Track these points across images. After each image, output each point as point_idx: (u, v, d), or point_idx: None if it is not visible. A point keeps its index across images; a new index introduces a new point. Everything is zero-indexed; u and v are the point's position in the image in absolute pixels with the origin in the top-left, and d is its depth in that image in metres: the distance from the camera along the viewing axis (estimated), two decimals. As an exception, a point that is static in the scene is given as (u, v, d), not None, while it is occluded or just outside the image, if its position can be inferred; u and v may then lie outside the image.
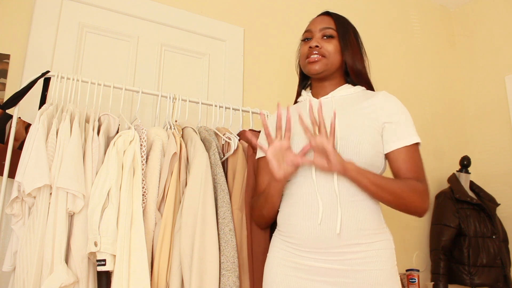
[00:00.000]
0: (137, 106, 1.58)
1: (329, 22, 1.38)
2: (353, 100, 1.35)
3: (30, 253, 1.19)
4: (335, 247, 1.18)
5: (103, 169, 1.30)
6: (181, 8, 2.12)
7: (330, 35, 1.36)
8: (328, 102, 1.36)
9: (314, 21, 1.42)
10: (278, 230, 1.32)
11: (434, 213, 2.53)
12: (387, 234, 1.26)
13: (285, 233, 1.27)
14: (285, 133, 1.23)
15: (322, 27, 1.37)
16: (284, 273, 1.24)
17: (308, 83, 1.49)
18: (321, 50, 1.34)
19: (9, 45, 1.70)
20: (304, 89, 1.50)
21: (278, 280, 1.24)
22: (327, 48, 1.34)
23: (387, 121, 1.28)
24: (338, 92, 1.37)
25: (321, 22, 1.39)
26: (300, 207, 1.24)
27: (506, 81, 2.73)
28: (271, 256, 1.30)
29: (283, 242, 1.27)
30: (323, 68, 1.34)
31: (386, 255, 1.21)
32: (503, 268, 2.31)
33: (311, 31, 1.39)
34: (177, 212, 1.39)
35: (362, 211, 1.21)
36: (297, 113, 1.40)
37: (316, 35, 1.37)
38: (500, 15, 2.84)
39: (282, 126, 1.25)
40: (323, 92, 1.39)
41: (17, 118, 1.43)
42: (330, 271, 1.18)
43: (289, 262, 1.24)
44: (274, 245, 1.31)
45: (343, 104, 1.34)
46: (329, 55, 1.34)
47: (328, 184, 1.22)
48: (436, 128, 2.83)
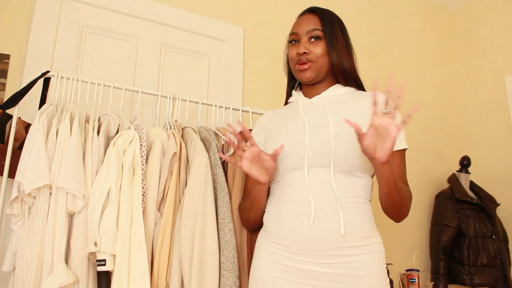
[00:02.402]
0: (137, 106, 1.58)
1: (315, 22, 1.36)
2: (345, 100, 1.34)
3: (30, 253, 1.19)
4: (328, 250, 1.16)
5: (103, 169, 1.30)
6: (181, 8, 2.12)
7: (317, 36, 1.34)
8: (320, 102, 1.35)
9: (299, 22, 1.39)
10: (265, 231, 1.28)
11: (434, 213, 2.53)
12: (378, 237, 1.24)
13: (273, 234, 1.24)
14: (249, 141, 1.21)
15: (309, 29, 1.35)
16: (273, 276, 1.20)
17: (298, 83, 1.48)
18: (309, 56, 1.32)
19: (9, 45, 1.70)
20: (294, 89, 1.48)
21: (267, 283, 1.20)
22: (316, 52, 1.32)
23: None
24: (330, 92, 1.36)
25: (307, 23, 1.36)
26: (290, 207, 1.21)
27: (506, 81, 2.73)
28: (259, 258, 1.26)
29: (271, 243, 1.24)
30: (314, 75, 1.34)
31: (378, 258, 1.19)
32: (503, 268, 2.31)
33: (298, 33, 1.37)
34: (177, 212, 1.39)
35: (355, 213, 1.19)
36: (289, 111, 1.40)
37: (303, 38, 1.35)
38: (500, 15, 2.84)
39: (241, 138, 1.23)
40: (315, 93, 1.39)
41: (17, 118, 1.42)
42: (321, 274, 1.16)
43: (278, 265, 1.20)
44: (261, 246, 1.27)
45: (336, 103, 1.33)
46: (317, 60, 1.33)
47: (323, 184, 1.20)
48: (436, 128, 2.83)
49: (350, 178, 1.22)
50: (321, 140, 1.22)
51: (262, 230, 1.32)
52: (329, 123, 1.25)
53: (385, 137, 1.05)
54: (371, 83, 1.08)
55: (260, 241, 1.30)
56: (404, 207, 1.24)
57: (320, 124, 1.27)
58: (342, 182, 1.21)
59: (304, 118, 1.30)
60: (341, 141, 1.20)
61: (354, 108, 1.30)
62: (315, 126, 1.26)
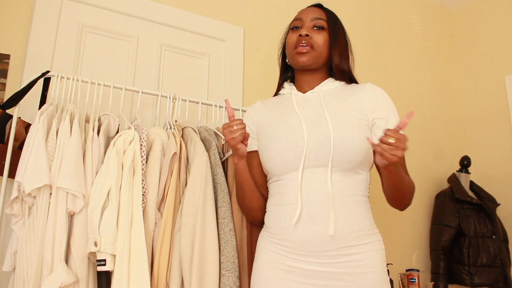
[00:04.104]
0: (137, 106, 1.58)
1: (321, 13, 1.37)
2: (339, 94, 1.34)
3: (30, 253, 1.19)
4: (329, 250, 1.16)
5: (103, 169, 1.30)
6: (181, 8, 2.12)
7: (321, 26, 1.34)
8: (315, 97, 1.34)
9: (305, 10, 1.40)
10: (267, 231, 1.28)
11: (434, 213, 2.53)
12: (378, 235, 1.25)
13: (275, 235, 1.24)
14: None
15: (314, 17, 1.35)
16: (275, 276, 1.20)
17: (289, 75, 1.46)
18: (310, 40, 1.31)
19: (9, 45, 1.70)
20: (285, 81, 1.46)
21: (269, 283, 1.20)
22: (317, 40, 1.32)
23: (377, 117, 1.28)
24: (324, 86, 1.36)
25: (313, 12, 1.37)
26: (287, 208, 1.21)
27: (506, 81, 2.73)
28: (261, 258, 1.26)
29: (273, 243, 1.24)
30: (311, 61, 1.32)
31: (379, 256, 1.20)
32: (503, 268, 2.31)
33: (302, 19, 1.36)
34: (177, 212, 1.39)
35: (354, 211, 1.20)
36: (280, 104, 1.39)
37: (307, 24, 1.34)
38: (500, 15, 2.84)
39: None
40: (307, 86, 1.38)
41: (17, 118, 1.42)
42: (323, 274, 1.16)
43: (280, 265, 1.21)
44: (263, 247, 1.28)
45: (330, 98, 1.32)
46: (317, 47, 1.32)
47: (319, 184, 1.19)
48: (436, 128, 2.83)
49: (349, 176, 1.22)
50: (320, 139, 1.22)
51: (263, 231, 1.32)
52: (327, 122, 1.24)
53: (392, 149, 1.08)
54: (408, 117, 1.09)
55: (261, 241, 1.30)
56: (408, 199, 1.29)
57: (318, 122, 1.26)
58: (342, 180, 1.21)
59: (300, 115, 1.29)
60: (340, 140, 1.20)
61: (350, 103, 1.30)
62: (313, 125, 1.25)
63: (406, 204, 1.30)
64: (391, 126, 1.25)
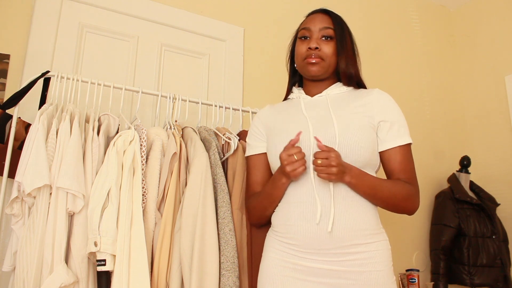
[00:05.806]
0: (137, 106, 1.58)
1: (328, 21, 1.37)
2: (347, 98, 1.35)
3: (30, 253, 1.19)
4: (334, 248, 1.17)
5: (103, 169, 1.30)
6: (181, 8, 2.12)
7: (329, 35, 1.35)
8: (323, 100, 1.36)
9: (313, 19, 1.39)
10: (274, 231, 1.30)
11: (434, 213, 2.53)
12: (384, 234, 1.26)
13: (282, 234, 1.25)
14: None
15: (322, 27, 1.35)
16: (282, 274, 1.22)
17: (297, 80, 1.48)
18: (319, 52, 1.33)
19: (9, 45, 1.70)
20: (293, 85, 1.48)
21: (276, 281, 1.22)
22: (326, 51, 1.33)
23: (382, 120, 1.29)
24: (332, 90, 1.37)
25: (321, 21, 1.37)
26: (298, 207, 1.23)
27: (506, 81, 2.73)
28: (268, 256, 1.28)
29: (280, 242, 1.25)
30: (321, 72, 1.34)
31: (385, 256, 1.21)
32: (503, 268, 2.31)
33: (310, 30, 1.37)
34: (177, 212, 1.39)
35: (360, 210, 1.21)
36: (288, 107, 1.41)
37: (315, 35, 1.35)
38: (500, 15, 2.84)
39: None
40: (316, 90, 1.39)
41: (17, 118, 1.42)
42: (328, 272, 1.18)
43: (287, 263, 1.22)
44: (270, 246, 1.29)
45: (338, 102, 1.34)
46: (326, 58, 1.33)
47: (326, 184, 1.21)
48: (436, 128, 2.83)
49: None
50: (326, 139, 1.23)
51: (270, 230, 1.33)
52: (333, 123, 1.26)
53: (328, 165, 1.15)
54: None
55: (268, 241, 1.31)
56: (400, 207, 1.28)
57: (324, 123, 1.27)
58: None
59: (307, 117, 1.31)
60: (346, 140, 1.22)
61: (356, 106, 1.31)
62: (319, 126, 1.27)
63: (404, 209, 1.29)
64: (394, 130, 1.28)
